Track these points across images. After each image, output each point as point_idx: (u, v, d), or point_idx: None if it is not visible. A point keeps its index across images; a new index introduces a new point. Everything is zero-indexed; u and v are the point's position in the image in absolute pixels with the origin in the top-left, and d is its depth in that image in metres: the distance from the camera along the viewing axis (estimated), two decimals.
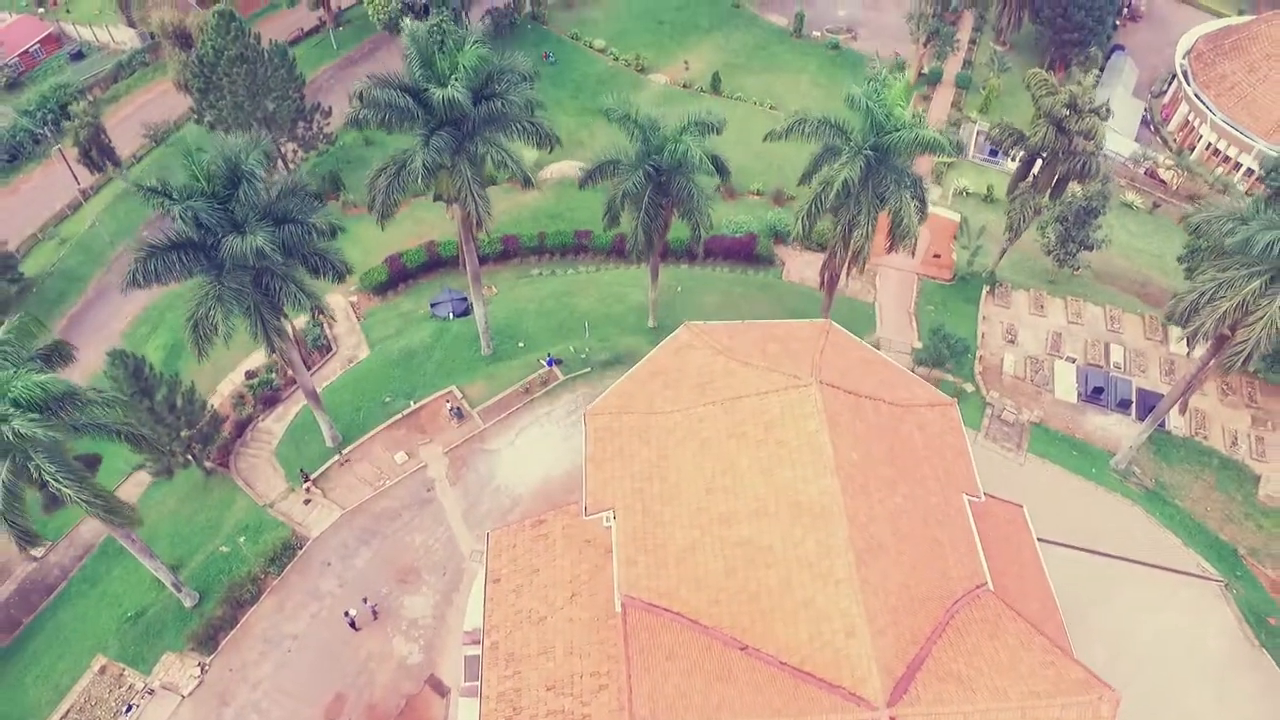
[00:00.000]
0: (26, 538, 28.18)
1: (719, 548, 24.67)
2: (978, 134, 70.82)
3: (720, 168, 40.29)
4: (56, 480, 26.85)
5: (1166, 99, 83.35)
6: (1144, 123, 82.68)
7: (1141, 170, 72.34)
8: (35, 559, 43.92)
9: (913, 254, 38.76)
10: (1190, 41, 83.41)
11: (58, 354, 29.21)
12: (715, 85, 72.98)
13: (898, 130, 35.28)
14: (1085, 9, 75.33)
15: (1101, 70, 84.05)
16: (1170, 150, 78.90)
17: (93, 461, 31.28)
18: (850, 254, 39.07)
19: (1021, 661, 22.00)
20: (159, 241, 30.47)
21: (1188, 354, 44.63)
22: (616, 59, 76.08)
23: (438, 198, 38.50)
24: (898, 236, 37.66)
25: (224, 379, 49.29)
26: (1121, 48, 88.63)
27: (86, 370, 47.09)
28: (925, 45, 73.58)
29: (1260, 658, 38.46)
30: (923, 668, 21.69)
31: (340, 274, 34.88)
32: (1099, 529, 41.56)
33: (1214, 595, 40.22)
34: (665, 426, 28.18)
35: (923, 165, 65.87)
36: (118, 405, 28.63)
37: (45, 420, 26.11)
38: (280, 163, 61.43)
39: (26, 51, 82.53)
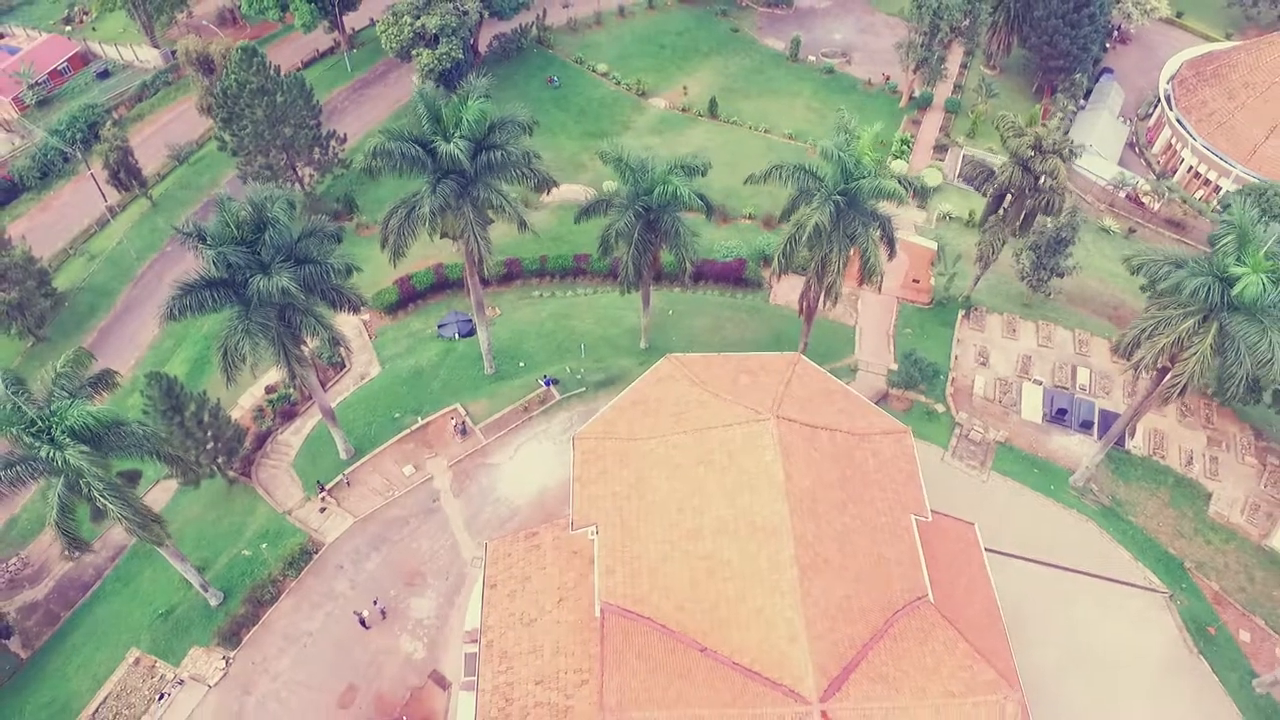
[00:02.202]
0: (77, 545, 31.90)
1: (686, 561, 28.07)
2: (963, 158, 73.78)
3: (707, 205, 43.57)
4: (103, 497, 30.43)
5: (1151, 122, 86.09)
6: (1129, 145, 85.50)
7: (1123, 194, 75.12)
8: (72, 559, 47.69)
9: (879, 290, 41.94)
10: (1175, 66, 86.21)
11: (103, 381, 32.79)
12: (713, 109, 76.16)
13: (863, 178, 38.49)
14: (1070, 37, 78.03)
15: (1088, 93, 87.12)
16: (1154, 173, 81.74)
17: (134, 476, 34.90)
18: (824, 288, 42.36)
19: (944, 665, 25.30)
20: (193, 280, 34.05)
21: (1134, 382, 47.77)
22: (619, 83, 79.40)
23: (444, 235, 41.97)
24: (866, 272, 40.91)
25: (244, 393, 52.84)
26: (1110, 71, 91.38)
27: (120, 383, 50.77)
28: (915, 72, 76.59)
29: (1198, 664, 41.57)
30: (857, 669, 25.02)
31: (355, 308, 38.50)
32: (1055, 543, 44.73)
33: (1159, 606, 43.34)
34: (643, 451, 31.59)
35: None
36: (155, 436, 32.21)
37: (93, 453, 29.61)
38: (297, 185, 65.02)
39: (55, 70, 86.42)
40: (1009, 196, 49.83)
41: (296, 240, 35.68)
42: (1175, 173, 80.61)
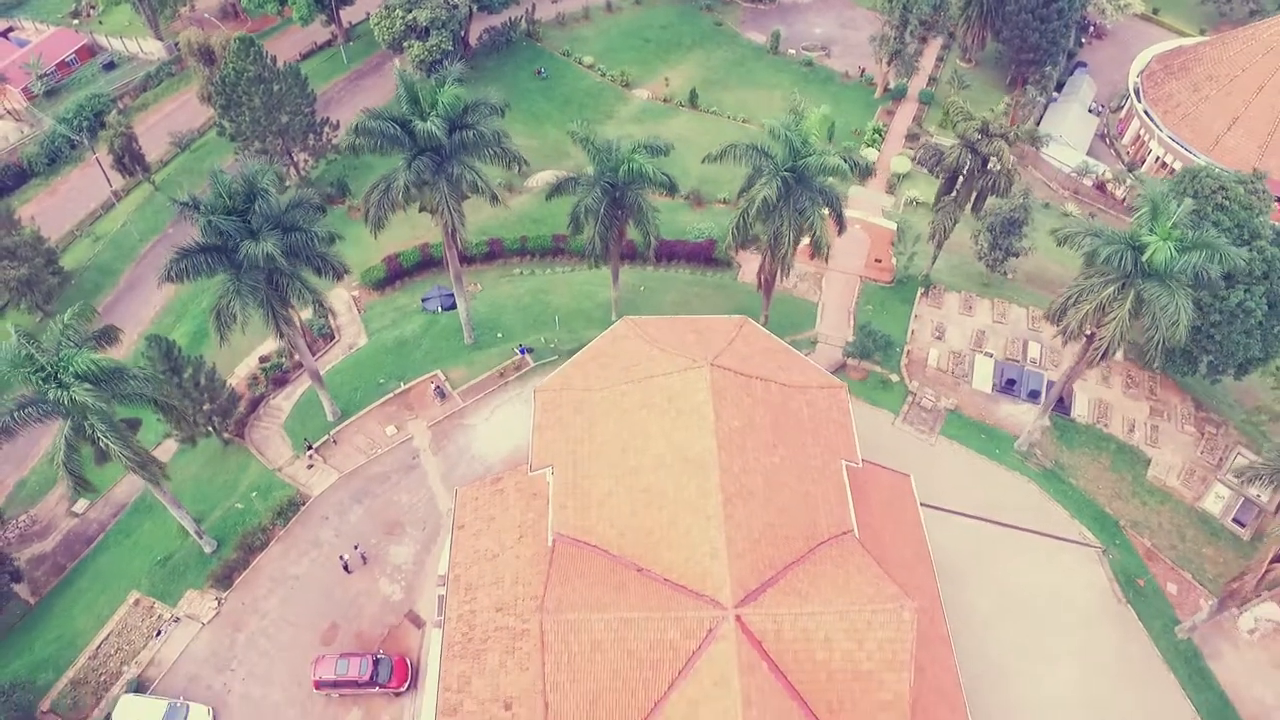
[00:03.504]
0: (81, 485, 35.03)
1: (628, 494, 31.10)
2: (921, 144, 76.52)
3: (670, 183, 46.50)
4: (106, 438, 33.58)
5: (1122, 114, 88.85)
6: (1100, 136, 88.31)
7: (1089, 182, 77.91)
8: (76, 515, 50.97)
9: (826, 260, 44.90)
10: (1144, 61, 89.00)
11: (106, 335, 35.92)
12: (693, 100, 79.14)
13: (810, 155, 41.46)
14: (1040, 31, 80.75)
15: (1061, 85, 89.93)
16: (1123, 163, 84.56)
17: (134, 424, 38.03)
18: (777, 260, 45.34)
19: (854, 582, 28.28)
20: (189, 245, 37.18)
21: (1062, 348, 50.84)
22: (604, 75, 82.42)
23: (423, 209, 45.06)
24: (814, 247, 43.87)
25: (240, 363, 56.08)
26: (1084, 65, 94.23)
27: (122, 353, 54.06)
28: (889, 64, 79.48)
29: (1125, 612, 44.47)
30: (774, 585, 28.02)
31: (339, 274, 41.57)
32: (996, 502, 47.62)
33: (1091, 559, 46.24)
34: (595, 400, 34.64)
35: (880, 178, 72.25)
36: (154, 380, 35.35)
37: (98, 391, 32.83)
38: (292, 170, 68.19)
39: (63, 62, 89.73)
40: (961, 178, 52.74)
41: (284, 210, 38.75)
42: (1144, 163, 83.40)
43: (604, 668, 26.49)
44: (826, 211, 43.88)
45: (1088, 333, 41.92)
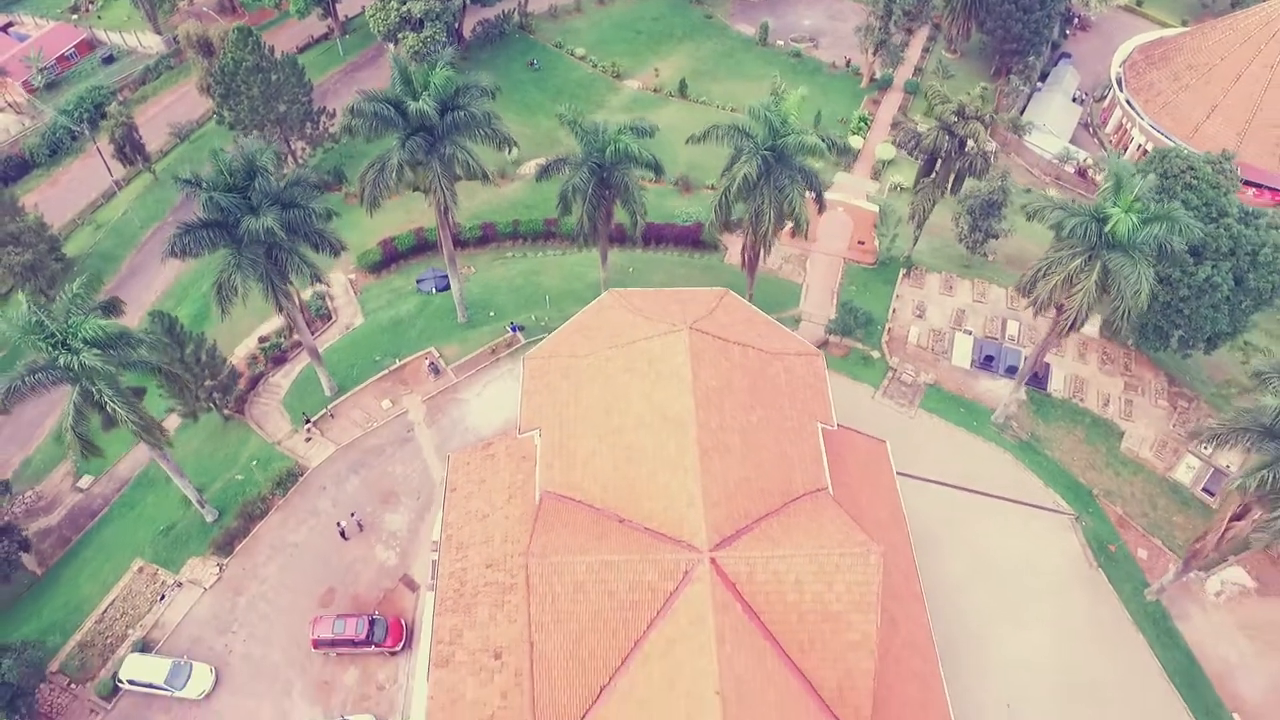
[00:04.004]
0: (89, 449, 36.47)
1: (611, 452, 32.62)
2: (901, 128, 78.10)
3: (655, 164, 47.95)
4: (113, 403, 35.07)
5: (1105, 104, 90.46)
6: (1084, 125, 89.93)
7: (1070, 168, 79.51)
8: (81, 490, 52.45)
9: (806, 236, 46.45)
10: (1127, 51, 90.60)
11: (111, 307, 37.40)
12: (683, 90, 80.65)
13: (789, 135, 42.99)
14: (1023, 22, 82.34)
15: (1045, 75, 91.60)
16: (1105, 150, 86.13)
17: (140, 392, 39.51)
18: (759, 238, 46.88)
19: (824, 531, 29.83)
20: (192, 221, 38.68)
21: (1034, 318, 52.52)
22: (595, 66, 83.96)
23: (416, 189, 46.56)
24: (794, 224, 45.40)
25: (240, 344, 57.52)
26: (1068, 55, 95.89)
27: None
28: (874, 55, 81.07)
29: (1096, 576, 46.08)
30: (748, 533, 29.56)
31: (335, 250, 43.06)
32: (972, 471, 49.22)
33: (1064, 526, 47.84)
34: (581, 366, 36.17)
35: (865, 165, 73.89)
36: (158, 346, 36.87)
37: (105, 355, 34.34)
38: (290, 158, 69.65)
39: (63, 56, 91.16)
40: (939, 160, 54.29)
41: (283, 188, 40.26)
42: (1126, 150, 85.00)
43: (586, 608, 28.02)
44: (807, 190, 45.38)
45: (1058, 304, 43.46)
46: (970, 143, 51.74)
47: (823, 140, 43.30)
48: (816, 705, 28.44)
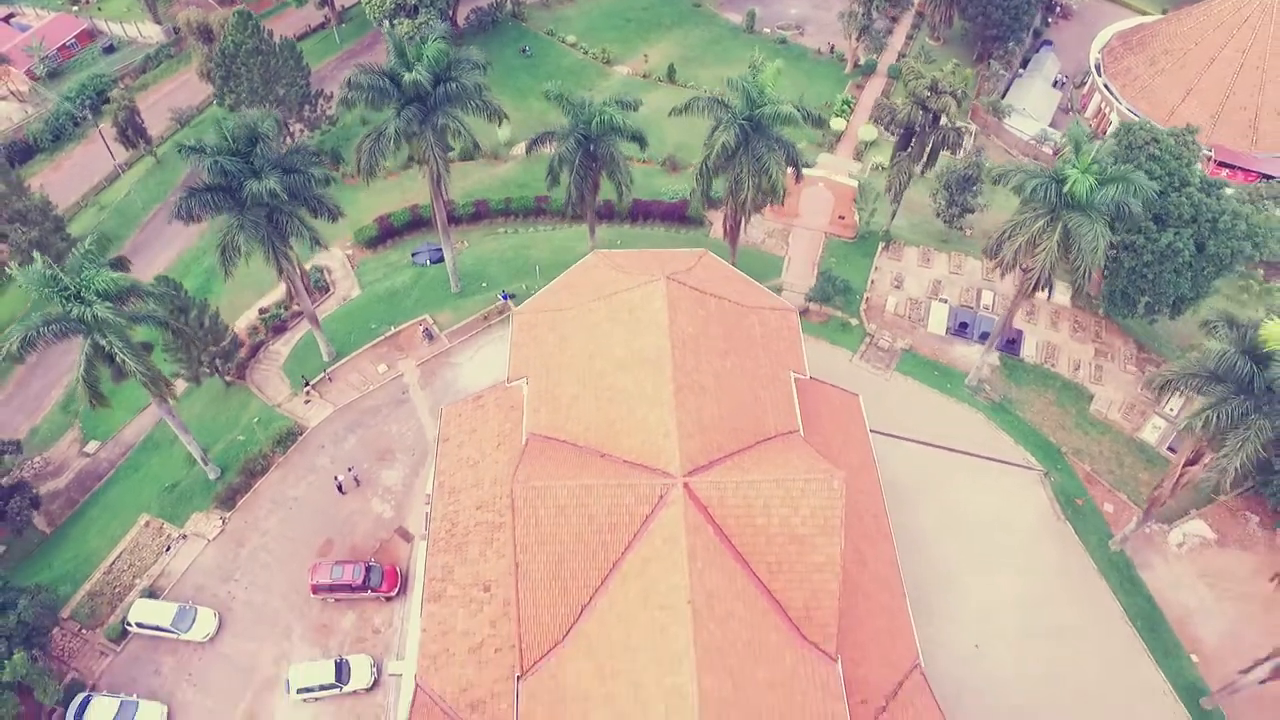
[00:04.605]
0: (98, 399, 38.41)
1: (593, 395, 34.60)
2: (877, 105, 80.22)
3: (640, 138, 49.96)
4: (122, 353, 37.01)
5: (1085, 89, 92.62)
6: (1064, 110, 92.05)
7: (1048, 149, 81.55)
8: (88, 455, 54.36)
9: (782, 204, 48.38)
10: (1106, 38, 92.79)
11: (120, 264, 39.36)
12: (671, 75, 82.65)
13: (765, 105, 45.02)
14: (1003, 9, 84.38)
15: (1026, 62, 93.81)
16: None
17: (147, 346, 41.44)
18: (739, 205, 48.89)
19: (791, 462, 31.83)
20: (198, 185, 40.65)
21: (1001, 279, 54.53)
22: (586, 53, 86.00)
23: (410, 159, 48.56)
24: (773, 191, 47.39)
25: (241, 316, 59.49)
26: (1049, 43, 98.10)
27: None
28: (857, 40, 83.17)
29: (1064, 528, 48.13)
30: (721, 464, 31.56)
31: (333, 215, 45.04)
32: (946, 431, 51.24)
33: (1034, 482, 49.90)
34: (567, 318, 38.17)
35: (848, 146, 76.00)
36: (166, 298, 38.83)
37: (116, 308, 36.29)
38: (289, 140, 71.52)
39: (64, 45, 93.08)
40: (915, 135, 56.32)
41: (284, 154, 42.23)
42: (1105, 134, 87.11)
43: (568, 531, 29.96)
44: (784, 159, 47.39)
45: (1024, 266, 45.52)
46: (944, 118, 53.85)
47: (798, 110, 45.30)
48: (785, 623, 30.42)
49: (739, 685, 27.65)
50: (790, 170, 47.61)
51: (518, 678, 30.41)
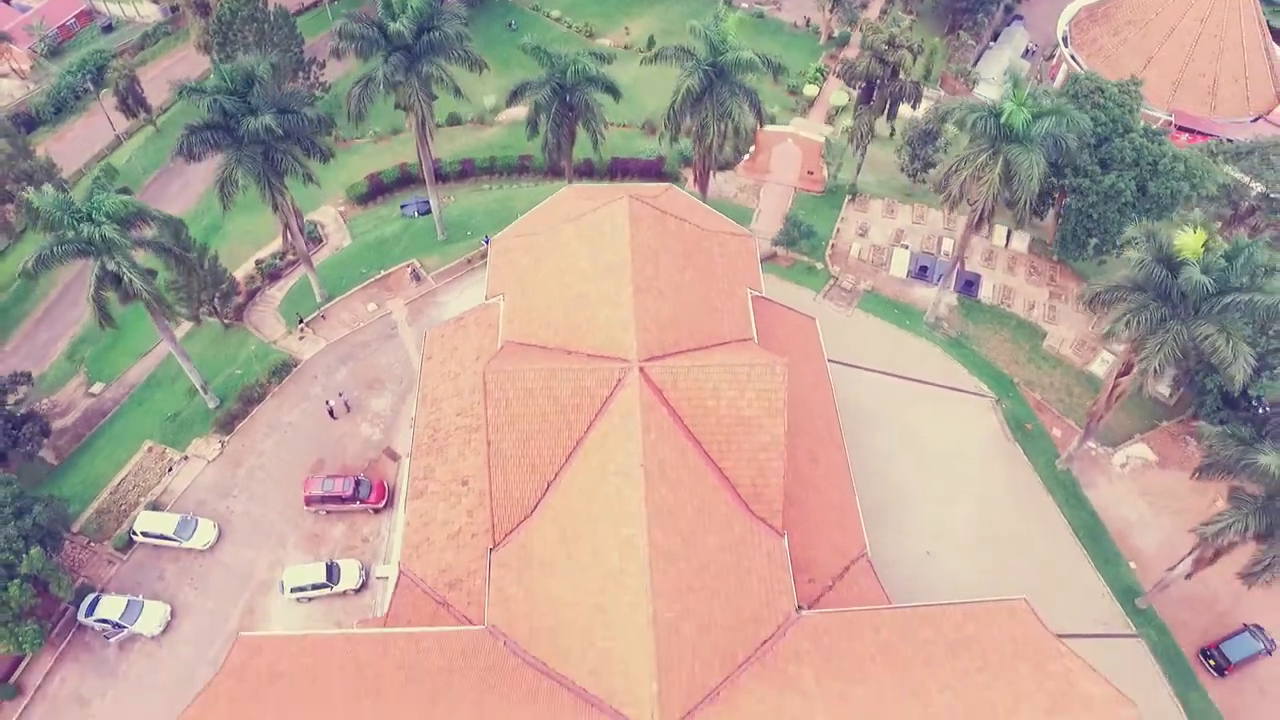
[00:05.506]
0: (106, 319, 41.44)
1: (562, 305, 37.59)
2: (840, 61, 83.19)
3: (612, 88, 52.99)
4: (129, 273, 40.04)
5: (1054, 61, 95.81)
6: (1034, 80, 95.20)
7: None
8: (93, 395, 57.36)
9: (751, 153, 51.39)
10: (1074, 10, 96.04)
11: (126, 192, 42.35)
12: (651, 47, 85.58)
13: (726, 53, 48.10)
14: None
15: (997, 35, 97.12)
16: None
17: (152, 273, 44.45)
18: (706, 150, 51.95)
19: (741, 355, 34.88)
20: (197, 122, 43.70)
21: (947, 217, 57.60)
22: (570, 26, 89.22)
23: (398, 106, 51.61)
24: (736, 136, 50.46)
25: (239, 268, 62.48)
26: (1020, 18, 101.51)
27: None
28: (831, 12, 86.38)
29: (1014, 450, 51.20)
30: (674, 357, 34.57)
31: (325, 156, 48.09)
32: (904, 364, 54.27)
33: (986, 408, 52.97)
34: (540, 241, 41.21)
35: (820, 110, 79.15)
36: (170, 222, 41.90)
37: (123, 230, 39.33)
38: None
39: (64, 25, 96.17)
40: (875, 89, 59.48)
41: (279, 97, 45.26)
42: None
43: (535, 411, 32.95)
44: (747, 104, 50.44)
45: (970, 200, 48.64)
46: (901, 72, 56.99)
47: (758, 57, 48.36)
48: (733, 498, 33.46)
49: (688, 543, 30.67)
50: (754, 117, 50.56)
51: (490, 550, 33.44)
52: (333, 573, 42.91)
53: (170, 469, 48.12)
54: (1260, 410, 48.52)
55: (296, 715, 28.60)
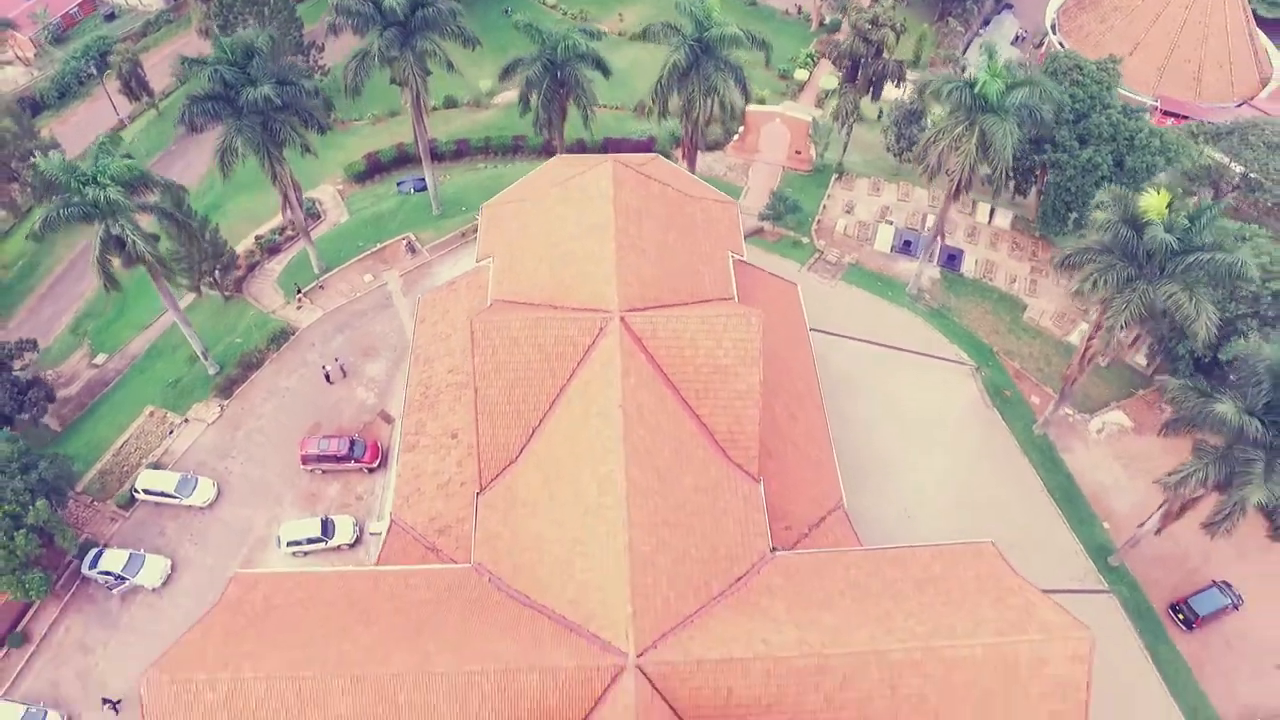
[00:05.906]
0: (111, 282, 42.91)
1: (547, 262, 39.03)
2: (826, 43, 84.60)
3: (602, 65, 54.42)
4: (133, 235, 41.50)
5: (1042, 49, 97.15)
6: (1023, 66, 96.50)
7: None
8: (96, 366, 58.86)
9: (739, 130, 52.74)
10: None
11: (129, 157, 43.81)
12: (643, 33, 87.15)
13: (711, 29, 49.52)
14: None
15: (987, 22, 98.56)
16: None
17: (154, 237, 45.92)
18: (693, 125, 53.36)
19: (719, 311, 36.27)
20: (199, 93, 45.19)
21: (930, 190, 58.87)
22: (565, 13, 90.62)
23: (393, 81, 53.08)
24: (723, 110, 51.84)
25: (239, 244, 63.96)
26: (1010, 5, 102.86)
27: None
28: (821, 0, 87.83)
29: (992, 415, 52.59)
30: (655, 310, 35.96)
31: (322, 127, 49.59)
32: (886, 333, 55.68)
33: (966, 375, 54.34)
34: (529, 207, 42.64)
35: (810, 94, 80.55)
36: (172, 187, 43.38)
37: (127, 193, 40.81)
38: None
39: (67, 13, 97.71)
40: (860, 68, 60.86)
41: (278, 69, 46.75)
42: None
43: (520, 358, 34.38)
44: (732, 80, 51.83)
45: (948, 170, 50.02)
46: (885, 51, 58.38)
47: (743, 33, 49.76)
48: (711, 444, 34.86)
49: (665, 482, 32.07)
50: (740, 93, 51.95)
51: (477, 494, 34.87)
52: (327, 528, 44.35)
53: (171, 432, 49.58)
54: (1231, 377, 49.83)
55: (289, 642, 30.00)
